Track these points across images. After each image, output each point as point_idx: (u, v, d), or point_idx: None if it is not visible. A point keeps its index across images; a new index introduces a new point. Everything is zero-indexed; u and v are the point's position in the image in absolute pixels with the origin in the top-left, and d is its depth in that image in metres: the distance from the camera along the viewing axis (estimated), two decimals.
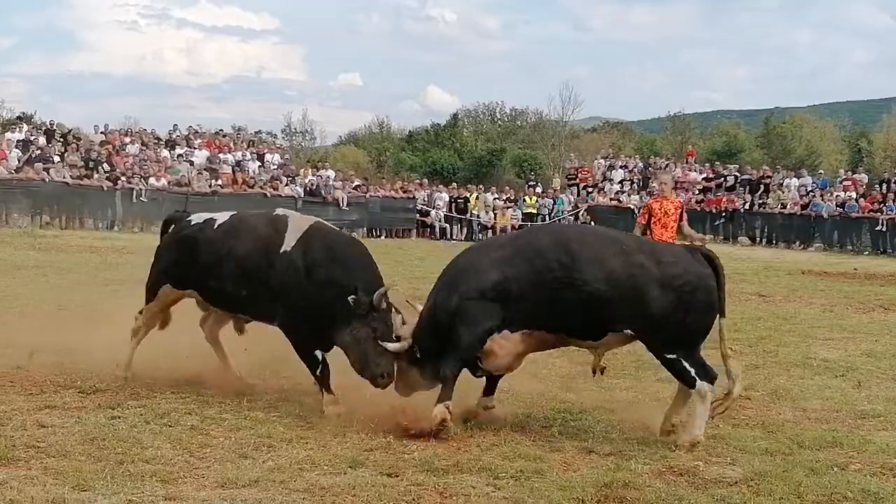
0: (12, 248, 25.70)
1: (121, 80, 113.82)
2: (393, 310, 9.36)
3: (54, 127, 39.15)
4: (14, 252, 24.73)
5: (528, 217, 41.69)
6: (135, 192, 35.21)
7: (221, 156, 40.68)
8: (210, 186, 37.40)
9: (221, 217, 10.71)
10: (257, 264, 9.78)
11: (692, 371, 8.56)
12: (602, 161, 48.31)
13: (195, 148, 40.94)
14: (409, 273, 20.83)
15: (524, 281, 8.70)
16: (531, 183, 47.39)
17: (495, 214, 41.48)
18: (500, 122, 77.24)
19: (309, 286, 9.44)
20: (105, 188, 34.90)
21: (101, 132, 40.33)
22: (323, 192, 39.45)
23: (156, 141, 41.45)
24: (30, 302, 16.17)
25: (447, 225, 41.12)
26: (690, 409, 8.71)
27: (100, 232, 33.10)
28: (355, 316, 9.17)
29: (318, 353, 9.55)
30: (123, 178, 35.55)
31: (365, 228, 39.30)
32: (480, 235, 40.50)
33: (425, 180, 47.39)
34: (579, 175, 46.79)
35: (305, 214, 11.21)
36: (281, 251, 9.69)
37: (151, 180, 36.32)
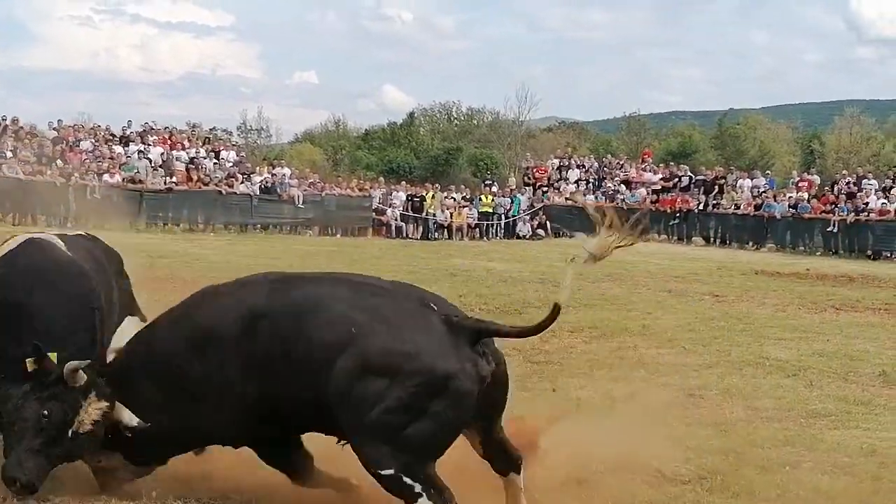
0: None
1: (74, 76, 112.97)
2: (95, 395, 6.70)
3: (7, 122, 38.68)
4: None
5: (483, 216, 41.79)
6: (88, 189, 34.89)
7: (176, 153, 40.39)
8: (165, 184, 37.15)
9: None
10: None
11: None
12: (556, 160, 48.43)
13: (150, 144, 40.60)
14: (364, 272, 20.79)
15: None
16: (487, 182, 47.40)
17: (451, 213, 41.47)
18: (456, 121, 77.28)
19: None
20: (58, 184, 34.55)
21: (55, 128, 39.90)
22: (279, 189, 39.29)
23: (110, 137, 41.07)
24: None
25: (403, 224, 41.02)
26: None
27: (53, 229, 32.70)
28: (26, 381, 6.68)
29: None
30: (77, 175, 35.22)
31: (319, 227, 39.27)
32: (436, 234, 40.55)
33: (381, 179, 47.32)
34: (535, 174, 46.88)
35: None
36: None
37: (105, 177, 36.02)
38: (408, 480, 6.16)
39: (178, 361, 6.64)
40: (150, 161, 38.75)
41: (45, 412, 6.52)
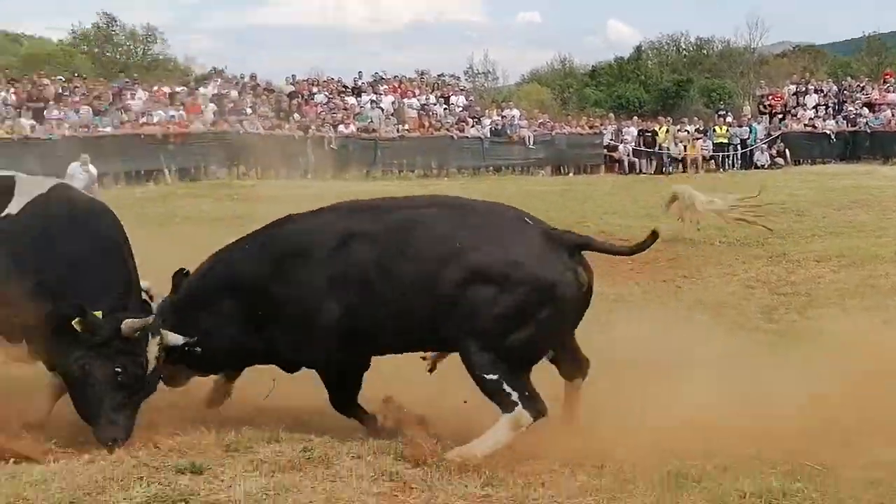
0: (211, 199, 26.52)
1: (306, 32, 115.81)
2: (150, 336, 6.93)
3: (245, 80, 40.06)
4: (213, 203, 25.53)
5: (719, 147, 40.74)
6: (325, 141, 35.82)
7: (406, 100, 40.97)
8: (398, 131, 37.73)
9: None
10: None
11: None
12: (792, 87, 46.63)
13: (381, 94, 41.33)
14: (599, 209, 20.64)
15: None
16: (721, 112, 46.14)
17: (685, 146, 40.60)
18: (685, 52, 75.38)
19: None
20: (296, 137, 35.61)
21: (290, 83, 41.07)
22: (509, 131, 39.35)
23: (342, 89, 42.00)
24: None
25: (636, 159, 40.45)
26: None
27: (293, 181, 33.77)
28: (83, 340, 6.82)
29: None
30: (313, 127, 36.18)
31: (551, 167, 39.16)
32: (671, 168, 39.82)
33: (611, 115, 46.68)
34: (770, 102, 45.29)
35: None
36: None
37: (340, 128, 36.89)
38: (507, 388, 6.61)
39: (262, 281, 6.94)
40: (382, 110, 39.44)
41: (119, 368, 6.82)
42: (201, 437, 6.98)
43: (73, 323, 6.72)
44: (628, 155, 40.44)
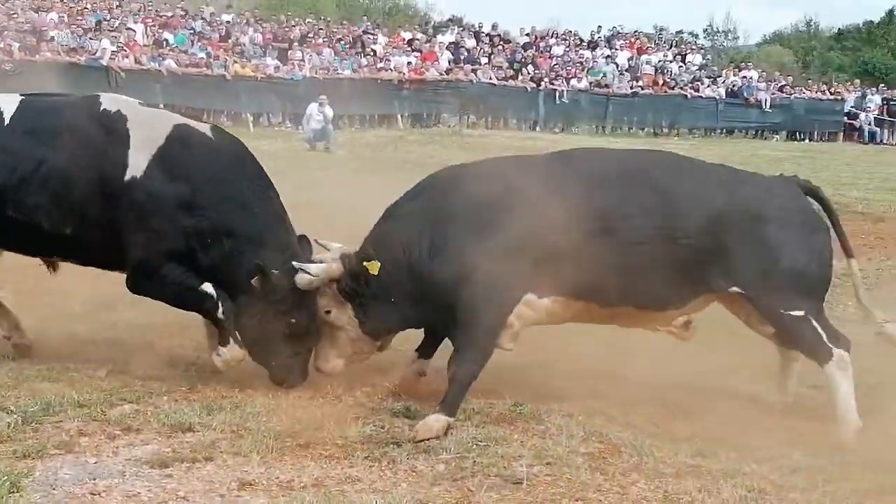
0: (441, 146, 26.89)
1: None
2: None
3: (482, 29, 40.29)
4: (443, 150, 25.86)
5: None
6: (557, 94, 35.75)
7: (644, 57, 40.43)
8: (631, 88, 37.31)
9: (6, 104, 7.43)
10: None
11: (823, 335, 6.67)
12: None
13: (617, 49, 40.92)
14: (833, 179, 19.94)
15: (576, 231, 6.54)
16: None
17: None
18: None
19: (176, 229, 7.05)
20: (528, 89, 35.66)
21: (527, 34, 41.10)
22: (745, 93, 38.36)
23: (579, 42, 41.77)
24: None
25: (877, 129, 38.81)
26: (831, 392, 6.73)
27: (523, 132, 33.87)
28: (264, 294, 6.96)
29: (208, 287, 7.10)
30: (546, 80, 36.15)
31: (787, 132, 38.04)
32: None
33: (856, 81, 44.85)
34: None
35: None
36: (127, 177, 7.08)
37: (573, 82, 36.74)
38: (814, 323, 6.65)
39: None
40: (617, 66, 39.03)
41: (294, 319, 6.91)
42: (418, 384, 7.17)
43: (252, 282, 6.87)
44: (870, 124, 38.87)
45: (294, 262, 6.77)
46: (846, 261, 7.05)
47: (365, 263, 6.67)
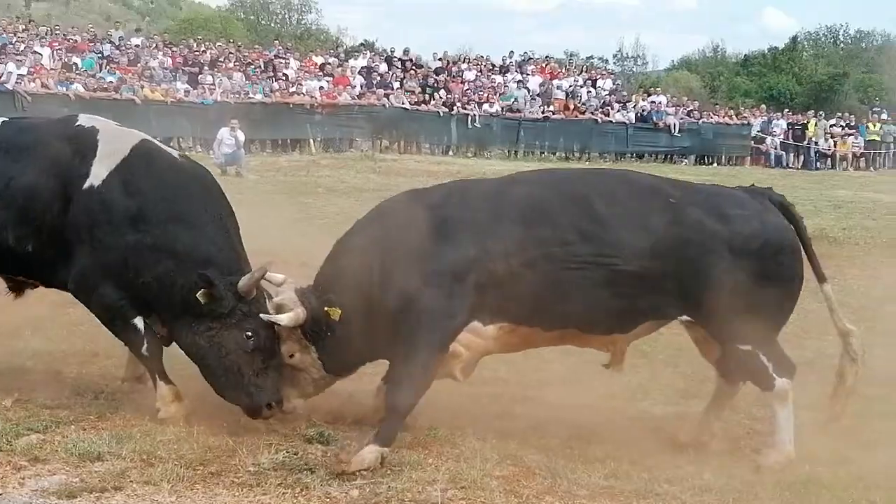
0: (354, 171, 26.89)
1: (457, 6, 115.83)
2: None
3: (394, 54, 40.40)
4: (356, 175, 25.89)
5: (870, 145, 39.65)
6: (469, 118, 35.93)
7: (555, 82, 40.80)
8: (542, 113, 37.61)
9: None
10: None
11: (769, 367, 6.57)
12: None
13: (528, 74, 41.24)
14: None
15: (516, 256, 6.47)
16: (875, 109, 44.86)
17: (835, 142, 39.60)
18: (842, 44, 73.47)
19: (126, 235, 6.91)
20: (441, 114, 35.80)
21: (439, 59, 41.28)
22: (654, 117, 38.89)
23: (490, 67, 42.04)
24: None
25: (783, 153, 39.61)
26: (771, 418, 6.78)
27: (435, 156, 34.00)
28: (209, 311, 6.72)
29: (139, 322, 7.02)
30: (459, 104, 36.31)
31: (695, 156, 38.68)
32: (818, 164, 38.91)
33: (762, 106, 45.74)
34: None
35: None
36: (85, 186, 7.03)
37: (485, 106, 36.94)
38: (761, 357, 6.53)
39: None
40: (529, 90, 39.32)
41: (248, 333, 6.65)
42: (333, 409, 7.12)
43: (198, 295, 6.61)
44: (776, 148, 39.65)
45: (262, 315, 6.59)
46: (819, 286, 6.77)
47: (327, 309, 6.52)
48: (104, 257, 6.88)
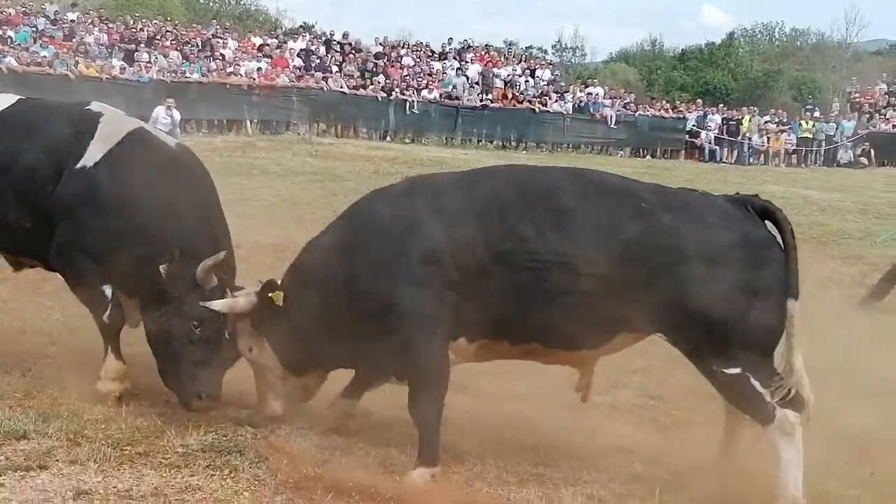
0: (291, 153, 26.76)
1: None
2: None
3: (333, 37, 40.19)
4: (292, 158, 25.77)
5: (803, 141, 40.19)
6: (407, 104, 35.89)
7: (494, 70, 40.86)
8: (480, 101, 37.66)
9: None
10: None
11: (765, 394, 5.79)
12: (884, 86, 45.83)
13: (467, 62, 41.27)
14: None
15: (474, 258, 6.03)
16: (808, 107, 45.50)
17: (768, 138, 40.11)
18: (778, 42, 74.35)
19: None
20: (379, 99, 35.71)
21: (379, 44, 41.15)
22: (591, 109, 39.11)
23: (430, 54, 42.00)
24: (307, 208, 16.78)
25: (717, 147, 40.03)
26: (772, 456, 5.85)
27: (373, 141, 33.91)
28: (166, 295, 6.75)
29: (108, 289, 7.00)
30: (397, 90, 36.24)
31: (631, 148, 39.01)
32: (752, 159, 39.38)
33: (698, 101, 46.18)
34: (860, 100, 44.59)
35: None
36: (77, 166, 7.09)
37: (424, 92, 36.91)
38: (752, 381, 5.79)
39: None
40: (468, 78, 39.36)
41: (195, 322, 6.64)
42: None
43: (161, 268, 6.61)
44: (710, 142, 40.04)
45: (200, 302, 6.53)
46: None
47: (270, 294, 6.38)
48: (85, 236, 6.88)
